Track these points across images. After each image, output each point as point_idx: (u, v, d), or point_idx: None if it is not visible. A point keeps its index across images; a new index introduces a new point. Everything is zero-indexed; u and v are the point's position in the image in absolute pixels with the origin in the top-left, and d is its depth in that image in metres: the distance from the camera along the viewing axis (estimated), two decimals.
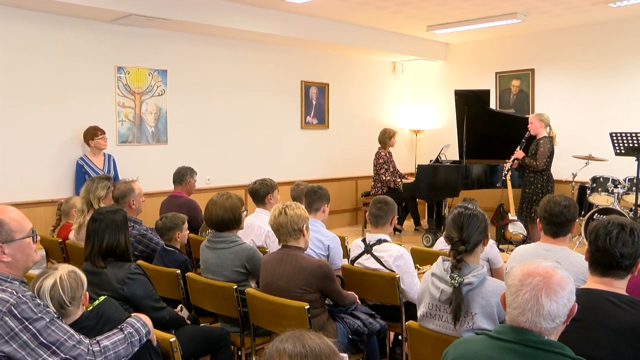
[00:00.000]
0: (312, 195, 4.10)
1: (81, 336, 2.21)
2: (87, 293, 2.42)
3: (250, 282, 3.55)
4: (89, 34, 6.37)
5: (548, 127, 6.70)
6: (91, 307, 2.43)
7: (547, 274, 1.73)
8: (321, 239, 3.93)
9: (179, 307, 3.42)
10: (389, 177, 8.16)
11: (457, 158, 8.27)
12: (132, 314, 2.52)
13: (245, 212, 3.85)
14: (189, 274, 3.61)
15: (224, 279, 3.45)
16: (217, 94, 7.53)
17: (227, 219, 3.53)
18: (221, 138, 7.61)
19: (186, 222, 4.11)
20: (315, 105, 8.73)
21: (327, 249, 3.92)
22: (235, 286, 3.32)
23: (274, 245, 3.95)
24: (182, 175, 5.42)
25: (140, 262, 3.70)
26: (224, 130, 7.63)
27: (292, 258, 3.14)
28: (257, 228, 4.33)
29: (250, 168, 7.74)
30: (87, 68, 6.37)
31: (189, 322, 3.34)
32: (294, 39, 7.68)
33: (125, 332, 2.35)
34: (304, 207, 3.38)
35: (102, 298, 2.51)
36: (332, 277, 3.13)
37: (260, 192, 4.50)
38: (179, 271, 3.62)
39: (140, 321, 2.44)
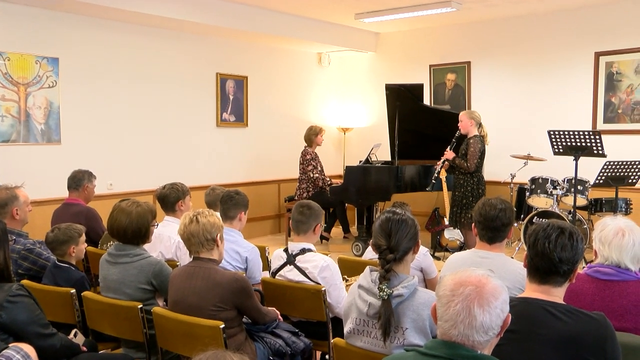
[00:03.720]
0: (227, 201, 4.08)
1: None
2: None
3: (158, 300, 3.49)
4: None
5: (479, 125, 6.91)
6: None
7: (480, 283, 1.78)
8: (238, 250, 3.92)
9: (72, 333, 3.31)
10: (317, 175, 8.21)
11: (388, 158, 8.42)
12: (11, 344, 2.39)
13: (155, 226, 3.79)
14: (85, 293, 3.51)
15: (126, 298, 3.37)
16: (120, 87, 7.33)
17: (131, 230, 3.46)
18: (125, 137, 7.41)
19: (83, 234, 3.99)
20: (232, 101, 8.67)
21: (244, 262, 3.93)
22: (140, 305, 3.25)
23: (185, 257, 3.91)
24: (79, 180, 5.26)
25: (25, 281, 3.55)
26: (127, 128, 7.44)
27: (204, 272, 3.11)
28: (166, 239, 4.26)
29: (158, 171, 7.60)
30: None
31: (85, 349, 3.24)
32: (207, 26, 7.59)
33: None
34: (218, 214, 3.35)
35: None
36: (249, 292, 3.13)
37: (170, 198, 4.45)
38: (73, 290, 3.52)
39: (22, 352, 2.33)
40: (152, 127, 7.70)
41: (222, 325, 2.88)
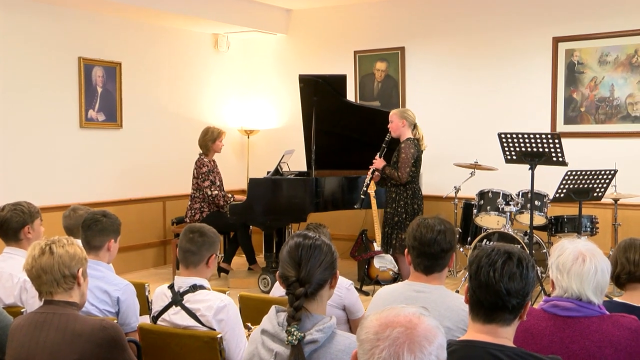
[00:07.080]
0: (90, 226, 4.00)
1: None
2: None
3: None
4: None
5: (414, 127, 7.02)
6: None
7: (410, 324, 1.80)
8: (107, 288, 3.86)
9: None
10: (216, 192, 8.16)
11: (304, 169, 8.48)
12: None
13: None
14: None
15: None
16: None
17: None
18: None
19: None
20: (101, 94, 8.53)
21: (115, 304, 3.87)
22: None
23: (33, 301, 3.79)
24: None
25: None
26: None
27: (59, 319, 3.02)
28: (6, 277, 4.16)
29: None
30: None
31: None
32: None
33: None
34: (80, 242, 3.28)
35: None
36: (121, 344, 3.06)
37: (12, 223, 4.31)
38: None
39: None
40: None
41: None
